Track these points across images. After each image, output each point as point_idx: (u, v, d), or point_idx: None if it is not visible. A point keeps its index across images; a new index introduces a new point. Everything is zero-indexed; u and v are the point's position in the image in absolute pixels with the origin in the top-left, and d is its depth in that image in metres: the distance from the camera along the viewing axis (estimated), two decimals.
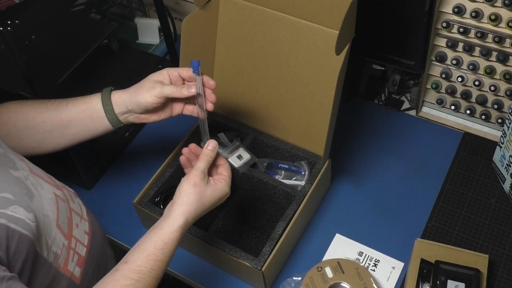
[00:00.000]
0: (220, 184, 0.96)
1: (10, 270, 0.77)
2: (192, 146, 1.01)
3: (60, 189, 0.97)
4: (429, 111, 1.38)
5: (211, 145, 0.97)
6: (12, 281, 0.75)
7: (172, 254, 0.90)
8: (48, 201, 0.90)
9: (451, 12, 1.15)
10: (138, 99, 1.01)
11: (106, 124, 1.05)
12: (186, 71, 1.03)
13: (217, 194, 0.95)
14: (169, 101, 1.04)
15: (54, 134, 1.05)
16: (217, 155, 0.99)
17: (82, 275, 0.94)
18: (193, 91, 1.00)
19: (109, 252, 1.06)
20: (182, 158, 1.02)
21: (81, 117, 1.05)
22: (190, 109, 1.06)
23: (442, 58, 1.24)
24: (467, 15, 1.15)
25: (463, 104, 1.30)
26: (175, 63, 1.47)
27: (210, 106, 1.03)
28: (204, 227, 1.17)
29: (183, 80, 1.04)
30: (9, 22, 0.98)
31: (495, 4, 1.11)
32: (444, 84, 1.29)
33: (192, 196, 0.92)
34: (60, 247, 0.89)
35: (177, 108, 1.06)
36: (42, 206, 0.87)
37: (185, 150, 1.01)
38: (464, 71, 1.24)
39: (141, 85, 1.03)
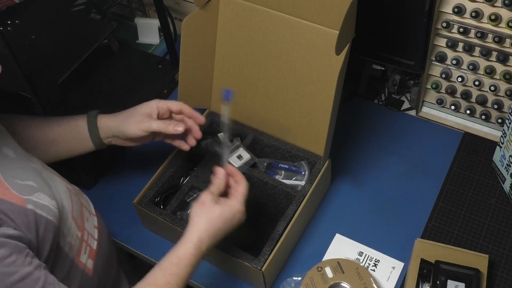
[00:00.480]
0: (231, 202, 0.96)
1: (38, 256, 0.80)
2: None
3: (70, 185, 1.00)
4: (429, 111, 1.38)
5: (218, 173, 0.99)
6: (46, 270, 0.78)
7: (190, 271, 0.91)
8: (63, 193, 0.93)
9: (451, 12, 1.15)
10: (125, 129, 1.05)
11: (90, 146, 1.10)
12: (175, 105, 1.07)
13: (227, 210, 0.95)
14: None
15: (37, 151, 1.06)
16: (234, 172, 1.00)
17: (94, 268, 0.96)
18: (179, 129, 1.06)
19: (113, 249, 1.08)
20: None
21: (66, 137, 1.08)
22: (170, 139, 1.12)
23: (442, 58, 1.24)
24: (467, 15, 1.15)
25: (463, 104, 1.30)
26: (175, 63, 1.47)
27: (193, 142, 1.09)
28: None
29: (171, 112, 1.08)
30: (9, 22, 0.98)
31: (495, 4, 1.11)
32: (444, 84, 1.29)
33: (200, 215, 0.94)
34: (74, 238, 0.91)
35: (158, 137, 1.12)
36: (60, 197, 0.90)
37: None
38: (464, 71, 1.24)
39: (130, 115, 1.06)
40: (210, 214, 0.94)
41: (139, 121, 1.05)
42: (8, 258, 0.71)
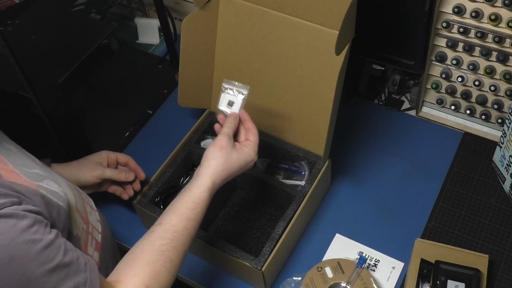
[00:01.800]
0: (246, 149, 0.99)
1: None
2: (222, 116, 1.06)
3: (69, 181, 1.00)
4: (429, 111, 1.38)
5: (232, 115, 1.03)
6: (64, 238, 0.80)
7: (202, 214, 0.93)
8: (64, 186, 0.93)
9: (451, 12, 1.15)
10: (80, 177, 1.11)
11: None
12: (123, 158, 1.16)
13: (243, 158, 0.98)
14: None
15: None
16: (247, 119, 1.03)
17: (100, 261, 0.97)
18: (131, 177, 1.15)
19: (116, 245, 1.09)
20: (216, 126, 1.06)
21: None
22: (114, 188, 1.19)
23: (442, 58, 1.24)
24: (467, 15, 1.15)
25: (463, 104, 1.30)
26: (175, 63, 1.47)
27: (131, 192, 1.18)
28: (204, 227, 1.17)
29: (118, 163, 1.18)
30: (9, 22, 0.98)
31: (495, 4, 1.11)
32: (444, 84, 1.29)
33: (218, 158, 0.96)
34: (81, 230, 0.92)
35: (104, 186, 1.18)
36: (63, 189, 0.91)
37: (220, 117, 1.06)
38: (464, 71, 1.24)
39: (82, 164, 1.13)
40: (229, 161, 0.96)
41: (93, 168, 1.13)
42: (33, 227, 0.73)
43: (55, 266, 0.74)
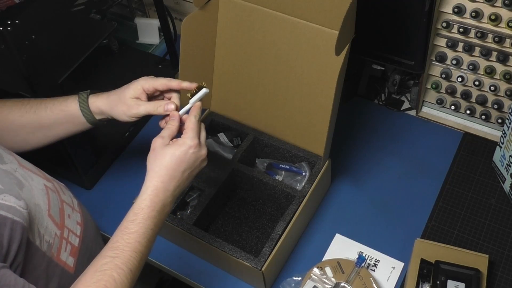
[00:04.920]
0: (181, 140, 0.92)
1: (5, 257, 0.78)
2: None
3: (50, 181, 0.98)
4: (429, 111, 1.38)
5: (173, 116, 0.96)
6: (4, 270, 0.76)
7: (149, 224, 0.87)
8: (38, 191, 0.91)
9: (451, 12, 1.15)
10: (115, 115, 1.02)
11: (87, 125, 1.06)
12: (161, 85, 1.01)
13: (179, 149, 0.91)
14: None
15: (37, 135, 1.06)
16: (192, 110, 0.97)
17: (75, 265, 0.95)
18: (171, 108, 0.99)
19: (102, 245, 1.07)
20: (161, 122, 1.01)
21: (61, 121, 1.06)
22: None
23: (442, 58, 1.24)
24: (467, 15, 1.15)
25: (463, 104, 1.30)
26: (175, 63, 1.47)
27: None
28: (204, 227, 1.17)
29: (158, 91, 1.03)
30: (9, 22, 0.98)
31: (495, 4, 1.11)
32: (444, 84, 1.29)
33: (152, 160, 0.91)
34: (53, 236, 0.90)
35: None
36: (33, 196, 0.89)
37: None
38: (464, 71, 1.24)
39: (118, 102, 1.01)
40: (161, 158, 0.90)
41: (127, 108, 1.01)
42: None
43: None
